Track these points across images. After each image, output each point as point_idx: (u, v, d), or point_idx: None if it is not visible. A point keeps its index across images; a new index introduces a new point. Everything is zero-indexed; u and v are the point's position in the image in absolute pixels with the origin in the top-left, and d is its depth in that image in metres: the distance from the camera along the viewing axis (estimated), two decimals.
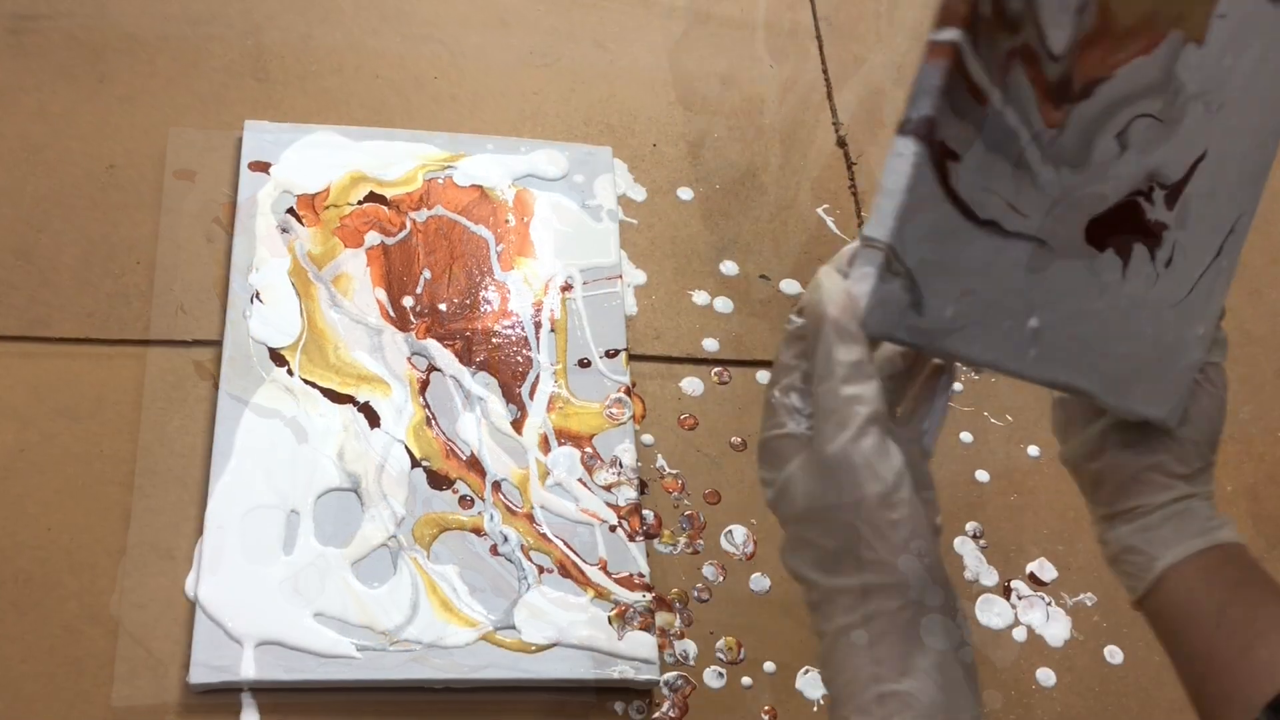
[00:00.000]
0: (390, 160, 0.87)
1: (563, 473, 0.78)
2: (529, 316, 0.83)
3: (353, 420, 0.77)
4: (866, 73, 1.02)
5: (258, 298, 0.79)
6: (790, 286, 0.90)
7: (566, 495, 0.77)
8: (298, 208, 0.84)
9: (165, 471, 0.74)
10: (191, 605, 0.70)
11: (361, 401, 0.78)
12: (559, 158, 0.90)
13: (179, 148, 0.85)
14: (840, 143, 0.99)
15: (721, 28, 1.03)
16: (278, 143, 0.86)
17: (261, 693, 0.68)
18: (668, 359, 0.86)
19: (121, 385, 0.76)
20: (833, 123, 1.00)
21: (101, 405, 0.76)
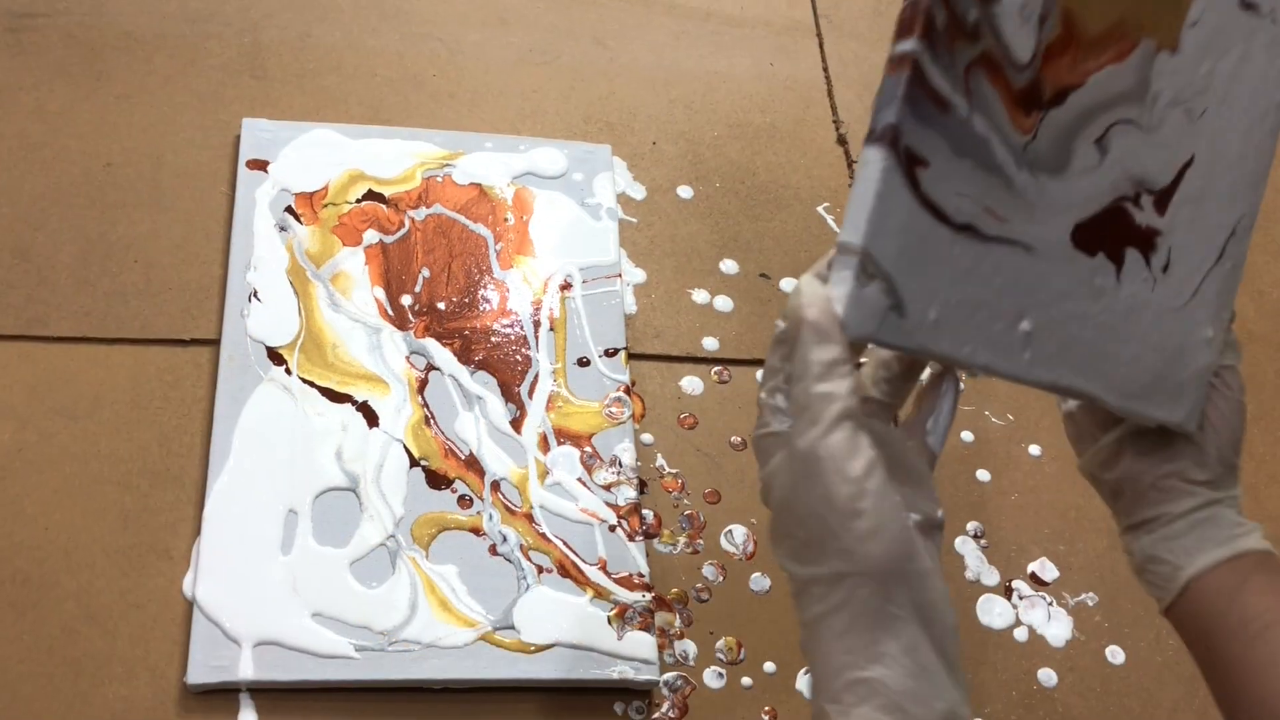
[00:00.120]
0: (389, 158, 0.87)
1: (562, 472, 0.77)
2: (528, 315, 0.83)
3: (351, 419, 0.76)
4: (867, 70, 1.02)
5: (256, 296, 0.79)
6: (790, 285, 0.90)
7: (566, 495, 0.77)
8: (296, 206, 0.83)
9: (163, 471, 0.74)
10: (189, 605, 0.69)
11: (360, 401, 0.77)
12: (558, 156, 0.90)
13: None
14: (840, 140, 0.98)
15: (721, 25, 1.03)
16: (276, 141, 0.86)
17: (259, 693, 0.68)
18: (667, 358, 0.85)
19: (119, 384, 0.76)
20: (833, 120, 0.99)
21: (99, 404, 0.75)
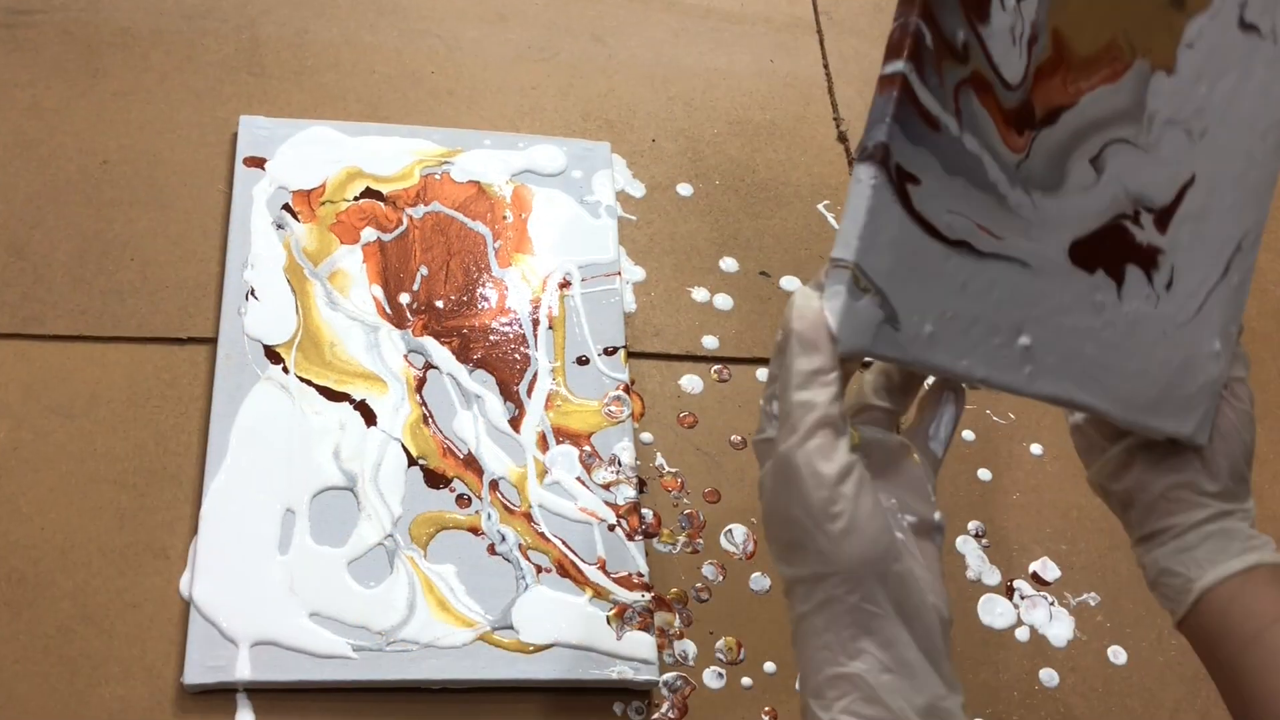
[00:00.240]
0: (387, 156, 0.87)
1: (561, 471, 0.77)
2: (527, 313, 0.82)
3: (349, 418, 0.76)
4: (867, 67, 1.02)
5: (253, 294, 0.79)
6: (790, 283, 0.90)
7: (565, 494, 0.76)
8: (293, 204, 0.83)
9: (159, 470, 0.74)
10: (186, 605, 0.69)
11: (358, 399, 0.77)
12: (557, 153, 0.90)
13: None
14: (841, 138, 0.98)
15: (721, 22, 1.03)
16: (273, 138, 0.85)
17: (256, 693, 0.68)
18: (667, 356, 0.85)
19: (115, 383, 0.76)
20: (833, 118, 0.99)
21: (95, 403, 0.75)
